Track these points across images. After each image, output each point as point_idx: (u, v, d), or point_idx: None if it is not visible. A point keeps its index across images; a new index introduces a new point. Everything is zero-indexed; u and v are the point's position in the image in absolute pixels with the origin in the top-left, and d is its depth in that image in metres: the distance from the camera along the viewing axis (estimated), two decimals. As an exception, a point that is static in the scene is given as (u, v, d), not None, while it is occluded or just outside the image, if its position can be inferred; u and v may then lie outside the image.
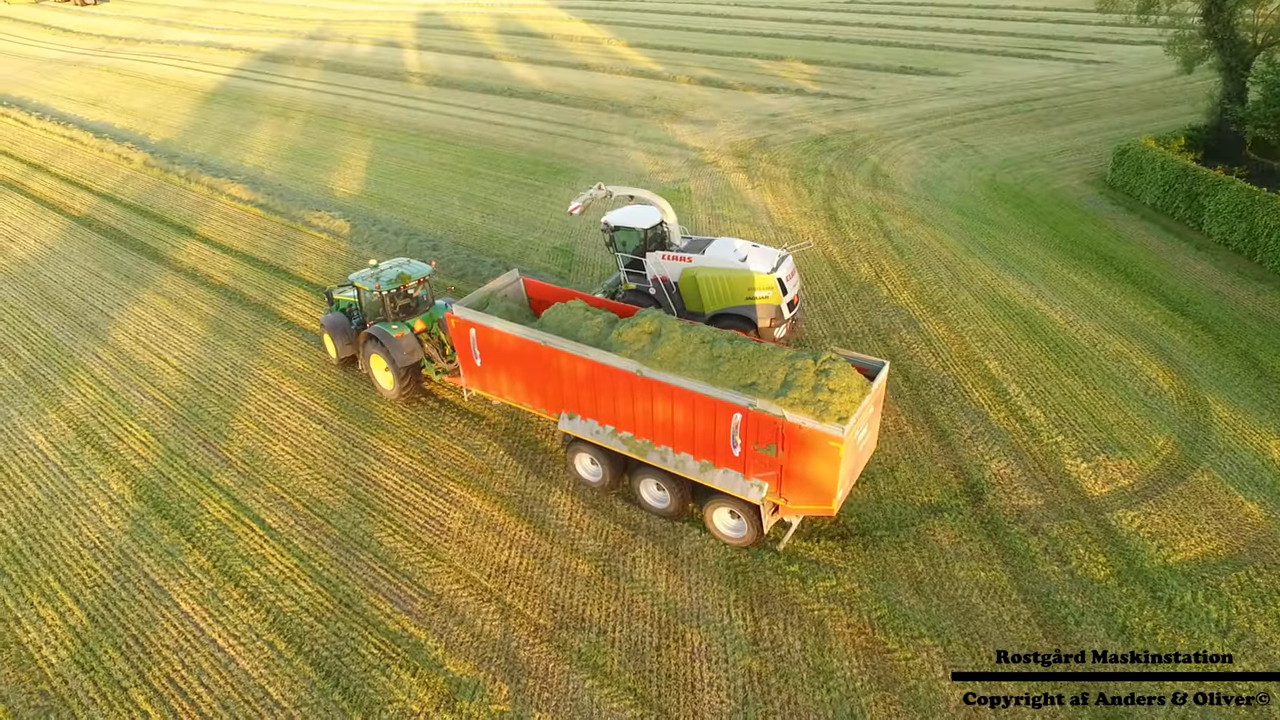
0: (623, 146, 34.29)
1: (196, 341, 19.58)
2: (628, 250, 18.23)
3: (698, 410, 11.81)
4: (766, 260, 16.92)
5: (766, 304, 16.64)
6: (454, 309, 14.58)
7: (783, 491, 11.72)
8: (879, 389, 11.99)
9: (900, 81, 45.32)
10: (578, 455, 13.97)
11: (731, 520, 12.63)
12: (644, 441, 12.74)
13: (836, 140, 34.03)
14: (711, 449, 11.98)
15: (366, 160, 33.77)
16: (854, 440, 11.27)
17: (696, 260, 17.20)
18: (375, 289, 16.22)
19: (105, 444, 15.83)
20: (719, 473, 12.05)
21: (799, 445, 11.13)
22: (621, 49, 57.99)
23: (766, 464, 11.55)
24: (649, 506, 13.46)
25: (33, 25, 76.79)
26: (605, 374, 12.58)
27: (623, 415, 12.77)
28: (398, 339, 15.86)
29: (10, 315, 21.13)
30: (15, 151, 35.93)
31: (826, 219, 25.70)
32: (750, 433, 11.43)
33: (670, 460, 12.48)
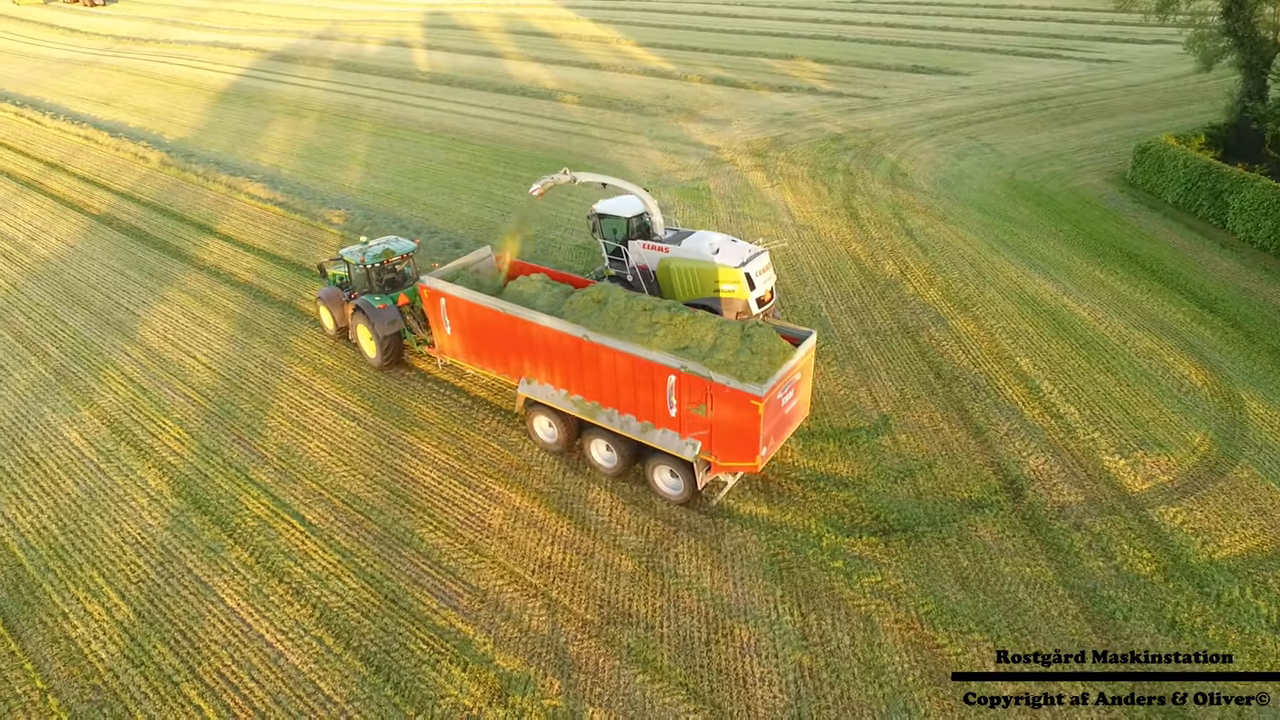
0: (639, 145, 34.30)
1: (224, 339, 19.59)
2: (612, 238, 18.77)
3: (638, 373, 12.63)
4: (737, 255, 17.17)
5: (733, 298, 16.91)
6: (425, 280, 15.66)
7: (713, 449, 12.51)
8: (804, 355, 12.80)
9: (912, 81, 45.32)
10: (536, 418, 14.87)
11: (671, 479, 13.41)
12: (593, 404, 13.63)
13: (853, 139, 34.02)
14: (651, 410, 12.82)
15: (383, 159, 33.79)
16: (775, 400, 12.06)
17: (673, 251, 17.61)
18: (361, 262, 17.36)
19: (140, 441, 15.84)
20: (658, 432, 12.88)
21: (725, 405, 11.92)
22: (631, 48, 58.00)
23: (699, 423, 12.35)
24: (599, 466, 14.29)
25: (40, 25, 76.87)
26: (556, 339, 13.53)
27: (573, 379, 13.71)
28: (380, 310, 17.00)
29: (37, 313, 21.14)
30: (31, 151, 35.97)
31: (848, 217, 25.70)
32: (683, 393, 12.24)
33: (616, 421, 13.34)
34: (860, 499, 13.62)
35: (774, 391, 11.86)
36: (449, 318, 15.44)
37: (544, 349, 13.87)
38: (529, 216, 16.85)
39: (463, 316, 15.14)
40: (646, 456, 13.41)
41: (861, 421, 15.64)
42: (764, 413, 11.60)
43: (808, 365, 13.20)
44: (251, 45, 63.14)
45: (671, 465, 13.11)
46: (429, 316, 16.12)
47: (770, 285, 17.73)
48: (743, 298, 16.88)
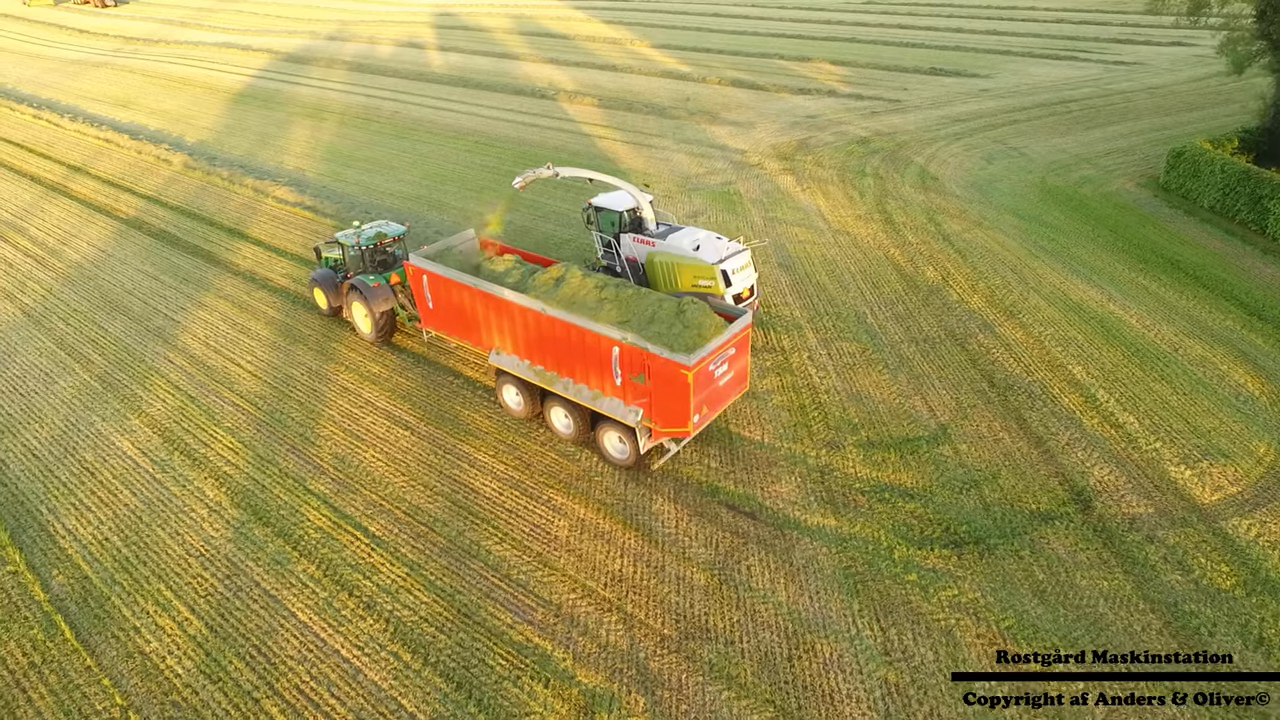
0: (664, 148, 34.21)
1: (267, 346, 19.48)
2: (606, 230, 19.63)
3: (587, 344, 13.72)
4: (715, 252, 17.77)
5: (709, 293, 17.25)
6: (411, 258, 16.94)
7: (653, 416, 13.47)
8: (736, 332, 13.62)
9: (932, 83, 45.24)
10: (505, 387, 16.03)
11: (619, 444, 14.43)
12: (552, 374, 14.79)
13: (879, 142, 33.94)
14: (600, 379, 13.89)
15: (409, 162, 33.68)
16: (706, 372, 12.95)
17: (659, 245, 18.41)
18: (356, 244, 18.75)
19: (193, 450, 15.73)
20: (606, 400, 13.96)
21: (661, 373, 12.85)
22: (646, 50, 57.89)
23: (640, 392, 13.34)
24: (559, 433, 15.47)
25: (49, 26, 76.69)
26: (520, 313, 14.69)
27: (535, 351, 14.87)
28: (374, 288, 18.25)
29: (76, 320, 21.02)
30: (53, 154, 35.83)
31: (882, 222, 25.61)
32: (626, 364, 13.25)
33: (571, 390, 14.47)
34: (928, 510, 13.53)
35: (704, 363, 12.71)
36: (431, 293, 16.72)
37: (510, 322, 15.04)
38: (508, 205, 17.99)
39: (442, 292, 16.40)
40: (598, 423, 14.50)
41: (920, 431, 15.56)
42: (694, 382, 12.47)
43: (743, 342, 14.05)
44: (263, 46, 62.98)
45: (619, 431, 14.14)
46: (414, 293, 17.43)
47: (750, 283, 18.21)
48: (719, 293, 17.35)
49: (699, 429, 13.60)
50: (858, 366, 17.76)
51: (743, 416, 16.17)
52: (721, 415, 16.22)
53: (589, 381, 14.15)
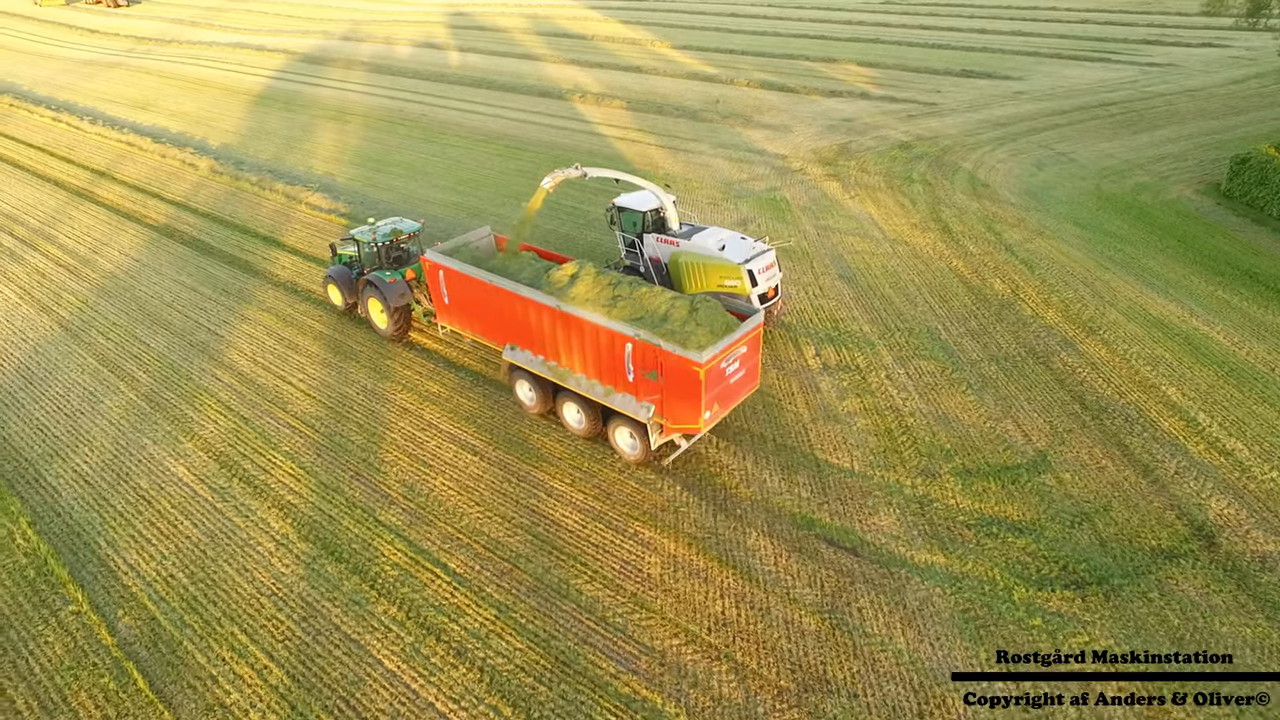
0: (701, 153, 33.44)
1: (318, 363, 18.72)
2: (629, 230, 19.62)
3: (600, 340, 13.89)
4: (741, 251, 17.81)
5: (735, 293, 17.44)
6: (427, 253, 17.16)
7: (665, 412, 13.63)
8: (748, 330, 13.76)
9: (965, 85, 44.48)
10: (518, 382, 16.15)
11: (630, 439, 14.52)
12: (565, 369, 14.96)
13: (921, 147, 33.17)
14: (613, 375, 14.01)
15: (440, 166, 32.91)
16: (718, 369, 13.08)
17: (683, 245, 18.41)
18: (372, 241, 18.89)
19: (252, 477, 14.98)
20: (619, 396, 14.10)
21: (673, 371, 13.00)
22: (668, 51, 57.11)
23: (652, 388, 13.47)
24: (571, 428, 15.56)
25: (60, 26, 75.88)
26: (534, 309, 14.87)
27: (548, 347, 15.02)
28: (390, 283, 18.44)
29: (116, 334, 20.26)
30: (75, 158, 35.05)
31: (939, 231, 24.85)
32: (639, 360, 13.41)
33: (584, 385, 14.62)
34: (1040, 546, 12.78)
35: (716, 360, 12.85)
36: (446, 289, 16.96)
37: (524, 318, 15.20)
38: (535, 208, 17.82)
39: (458, 288, 16.59)
40: (610, 418, 14.61)
41: (1017, 458, 14.80)
42: (705, 379, 12.61)
43: (755, 340, 14.16)
44: (278, 47, 62.19)
45: (631, 427, 14.22)
46: (429, 288, 17.64)
47: (775, 282, 18.32)
48: (744, 293, 17.42)
49: (710, 425, 13.77)
50: (940, 387, 17.00)
51: (827, 441, 15.42)
52: (805, 439, 15.48)
53: (601, 377, 14.28)
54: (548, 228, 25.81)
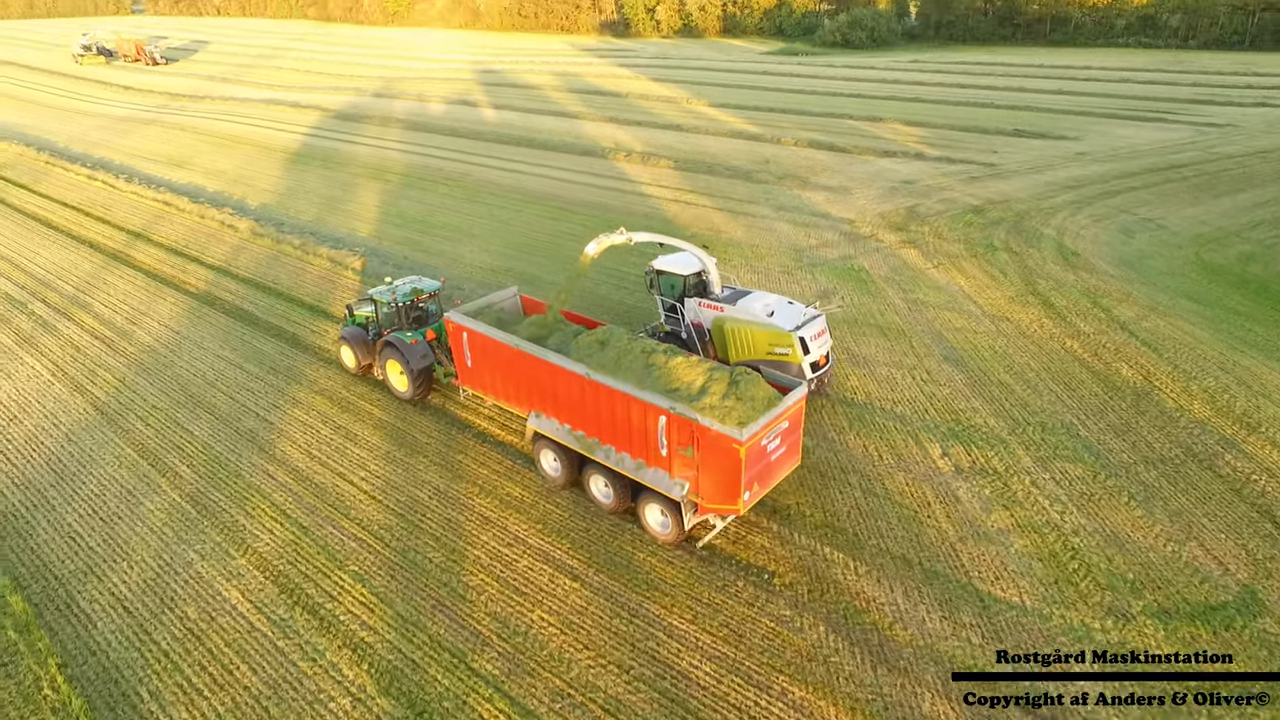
0: (762, 216, 31.93)
1: (380, 457, 16.74)
2: (669, 294, 18.84)
3: (632, 412, 13.12)
4: (791, 318, 17.05)
5: (786, 361, 16.69)
6: (450, 314, 16.71)
7: (700, 490, 12.79)
8: (791, 405, 13.04)
9: (1020, 145, 43.26)
10: (543, 451, 15.38)
11: (661, 518, 13.60)
12: (593, 440, 14.12)
13: (994, 211, 31.56)
14: (645, 449, 13.23)
15: (489, 229, 31.46)
16: (759, 447, 12.34)
17: (727, 310, 17.60)
18: (392, 301, 18.26)
19: (317, 605, 12.85)
20: (650, 471, 13.29)
21: (710, 447, 12.24)
22: (705, 109, 56.50)
23: (687, 464, 12.69)
24: (598, 502, 14.64)
25: (94, 83, 76.53)
26: (562, 376, 14.18)
27: (576, 415, 14.29)
28: (411, 345, 17.82)
29: (157, 419, 18.39)
30: (111, 218, 33.86)
31: (1041, 306, 22.93)
32: (673, 434, 12.63)
33: (613, 458, 13.81)
34: (1286, 719, 10.48)
35: (757, 437, 12.15)
36: (470, 351, 16.35)
37: (550, 385, 14.52)
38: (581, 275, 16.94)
39: (482, 350, 16.01)
40: (640, 494, 13.72)
41: (1220, 594, 12.54)
42: (746, 457, 11.89)
43: (797, 415, 13.42)
44: (311, 103, 62.07)
45: (662, 504, 13.36)
46: (452, 349, 17.04)
47: (826, 350, 17.50)
48: (795, 361, 16.66)
49: (749, 506, 12.96)
50: (1097, 497, 14.82)
51: (984, 566, 13.21)
52: (957, 563, 13.28)
53: (632, 450, 13.51)
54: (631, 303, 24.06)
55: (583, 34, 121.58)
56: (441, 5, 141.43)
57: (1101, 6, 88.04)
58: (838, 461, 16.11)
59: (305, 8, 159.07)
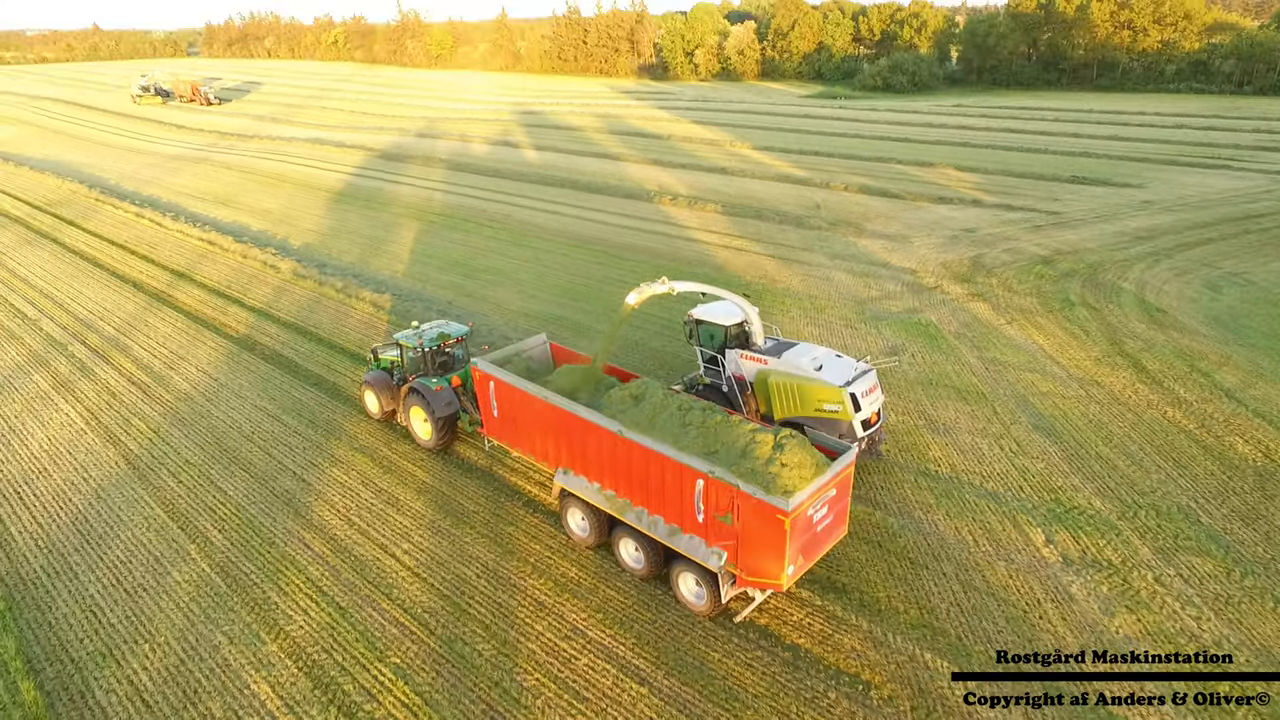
0: (817, 265, 30.62)
1: (424, 526, 15.45)
2: (708, 345, 17.92)
3: (667, 474, 12.27)
4: (841, 372, 15.98)
5: (836, 418, 15.57)
6: (478, 363, 15.90)
7: (739, 561, 11.85)
8: (840, 471, 12.07)
9: (1081, 193, 41.64)
10: (570, 510, 14.52)
11: (695, 588, 12.69)
12: (624, 501, 13.30)
13: (1065, 263, 29.89)
14: (680, 513, 12.40)
15: (534, 274, 30.55)
16: (805, 517, 11.38)
17: (772, 363, 16.58)
18: (418, 346, 17.68)
19: (355, 706, 11.45)
20: (685, 538, 12.45)
21: (751, 515, 11.33)
22: (749, 152, 55.85)
23: (725, 532, 11.81)
24: (627, 567, 13.73)
25: (150, 122, 78.71)
26: (593, 432, 13.37)
27: (607, 474, 13.46)
28: (437, 391, 17.16)
29: (189, 476, 17.37)
30: (156, 256, 33.69)
31: (1132, 369, 21.14)
32: (711, 500, 11.76)
33: (644, 521, 12.95)
34: None
35: (804, 507, 11.26)
36: (497, 401, 15.63)
37: (581, 441, 13.76)
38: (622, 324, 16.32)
39: (509, 401, 15.29)
40: (673, 561, 12.89)
41: None
42: (791, 529, 11.01)
43: (846, 482, 12.52)
44: (356, 143, 62.76)
45: (697, 574, 12.52)
46: (478, 398, 16.28)
47: (878, 407, 16.30)
48: (846, 419, 15.55)
49: (793, 581, 12.09)
50: (1239, 602, 12.94)
51: (1118, 687, 11.37)
52: (1089, 684, 11.46)
53: (665, 514, 12.67)
54: (658, 349, 22.76)
55: (621, 77, 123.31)
56: (483, 49, 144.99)
57: (1151, 52, 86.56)
58: (929, 547, 14.45)
59: (352, 51, 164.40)
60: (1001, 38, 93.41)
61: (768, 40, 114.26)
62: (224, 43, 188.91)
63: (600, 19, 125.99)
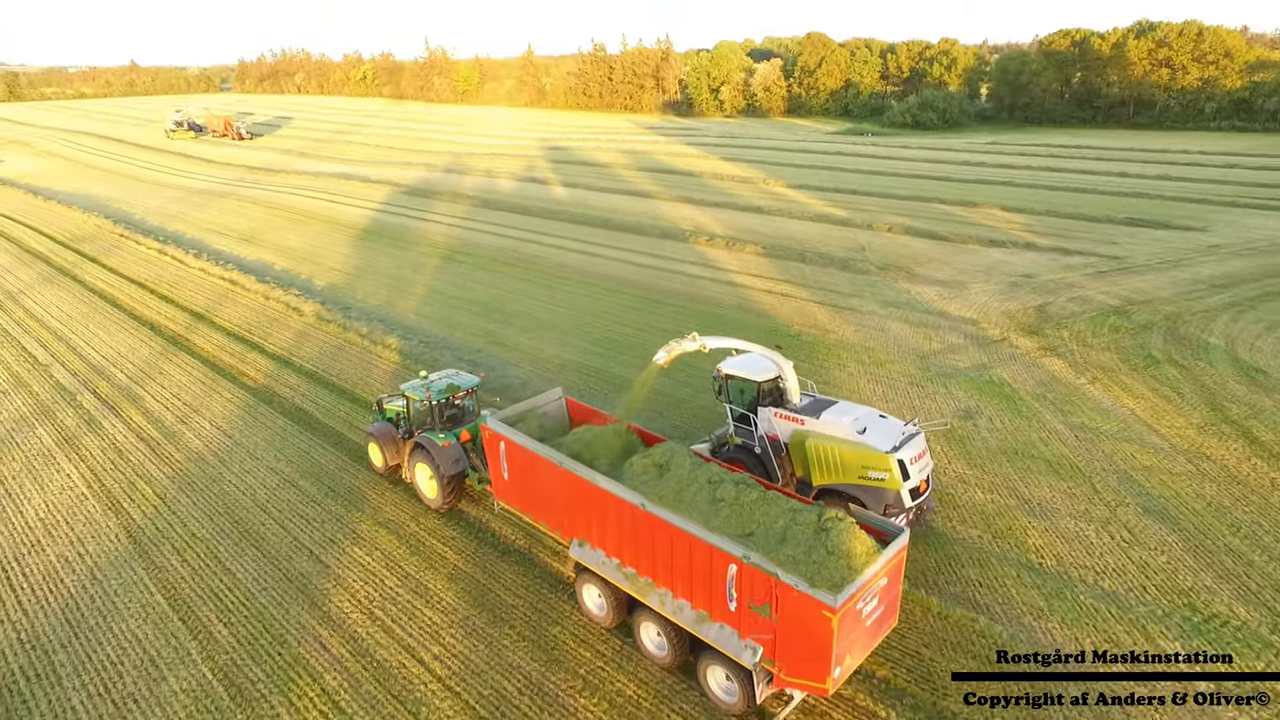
0: (869, 313, 28.69)
1: (457, 624, 13.50)
2: (739, 403, 16.41)
3: (695, 555, 11.14)
4: (888, 436, 14.47)
5: (882, 487, 14.19)
6: (488, 421, 14.78)
7: (777, 658, 10.61)
8: (891, 558, 10.78)
9: (1139, 235, 39.54)
10: (586, 586, 13.40)
11: (726, 683, 11.42)
12: (645, 581, 12.14)
13: (1139, 313, 27.73)
14: (709, 599, 11.23)
15: (570, 321, 28.88)
16: (854, 612, 10.12)
17: (809, 423, 15.15)
18: (425, 399, 16.46)
19: None
20: (714, 627, 11.25)
21: (793, 609, 10.10)
22: (784, 190, 54.38)
23: (762, 625, 10.63)
24: (649, 654, 12.50)
25: (179, 156, 79.13)
26: (612, 503, 12.26)
27: (627, 549, 12.33)
28: (444, 448, 16.01)
29: (195, 554, 15.59)
30: (176, 296, 32.49)
31: (1242, 439, 18.89)
32: (745, 587, 10.60)
33: (669, 605, 11.79)
34: None
35: (852, 601, 10.04)
36: (507, 463, 14.51)
37: (599, 512, 12.60)
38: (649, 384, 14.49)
39: (521, 464, 14.19)
40: (700, 651, 11.61)
41: None
42: (839, 626, 9.79)
43: (898, 568, 11.23)
44: (382, 178, 62.18)
45: (728, 669, 11.20)
46: (488, 458, 15.20)
47: (927, 474, 14.78)
48: (894, 488, 14.10)
49: (840, 683, 10.66)
50: None
51: None
52: None
53: (693, 598, 11.43)
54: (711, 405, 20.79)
55: (646, 113, 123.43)
56: (509, 85, 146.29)
57: (1191, 90, 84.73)
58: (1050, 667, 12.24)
59: (380, 86, 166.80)
60: (1034, 75, 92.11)
61: (794, 77, 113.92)
62: (255, 79, 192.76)
63: (626, 56, 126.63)
